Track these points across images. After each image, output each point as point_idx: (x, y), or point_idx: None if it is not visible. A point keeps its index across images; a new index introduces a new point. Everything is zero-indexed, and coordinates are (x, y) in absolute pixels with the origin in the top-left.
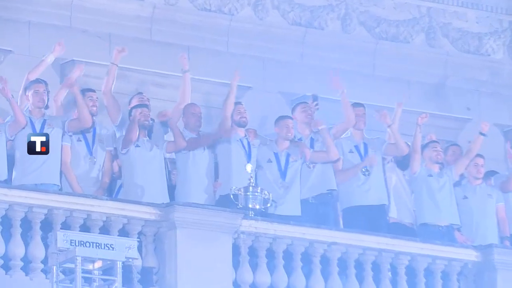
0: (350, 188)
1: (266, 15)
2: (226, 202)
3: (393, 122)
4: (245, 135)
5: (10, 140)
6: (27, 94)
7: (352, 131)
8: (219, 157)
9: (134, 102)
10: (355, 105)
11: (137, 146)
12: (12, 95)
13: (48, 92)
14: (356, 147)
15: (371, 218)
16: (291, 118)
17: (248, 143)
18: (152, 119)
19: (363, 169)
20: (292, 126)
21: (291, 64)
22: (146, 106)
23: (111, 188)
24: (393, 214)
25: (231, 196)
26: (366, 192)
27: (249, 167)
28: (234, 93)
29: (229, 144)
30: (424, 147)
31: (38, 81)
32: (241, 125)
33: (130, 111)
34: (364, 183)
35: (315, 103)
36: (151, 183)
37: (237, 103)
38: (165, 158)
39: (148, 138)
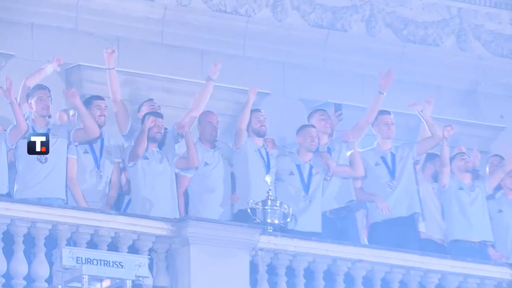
0: (376, 203)
1: (285, 17)
2: (243, 216)
3: (425, 110)
4: (263, 145)
5: (12, 149)
6: (29, 101)
7: (379, 141)
8: (235, 168)
9: (144, 109)
10: (383, 112)
11: (146, 158)
12: (16, 98)
13: (51, 99)
14: (383, 158)
15: (400, 232)
16: (314, 127)
17: (267, 153)
18: (165, 128)
19: (390, 184)
20: (316, 136)
21: (312, 69)
22: (161, 116)
23: (120, 203)
24: (422, 229)
25: (249, 210)
26: (395, 203)
27: (268, 179)
28: (250, 106)
29: (246, 154)
30: (451, 159)
31: (41, 87)
32: (260, 134)
33: (143, 118)
34: (390, 196)
35: (338, 112)
36: (160, 198)
37: (255, 111)
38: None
39: (158, 149)
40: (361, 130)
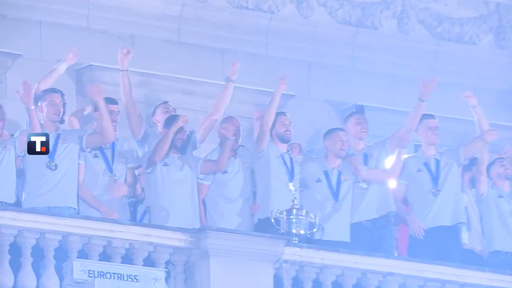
0: (419, 210)
1: (311, 13)
2: (266, 226)
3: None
4: (288, 151)
5: (20, 156)
6: (40, 105)
7: (423, 147)
8: (257, 175)
9: (159, 113)
10: (427, 116)
11: (166, 165)
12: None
13: (64, 104)
14: (426, 164)
15: (442, 243)
16: (343, 130)
17: (291, 159)
18: (192, 131)
19: (433, 190)
20: (346, 140)
21: (339, 68)
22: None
23: (135, 212)
24: (466, 240)
25: (272, 220)
26: (437, 212)
27: (292, 187)
28: (276, 104)
29: (268, 160)
30: (490, 165)
31: (54, 90)
32: (285, 140)
33: (169, 122)
34: (433, 203)
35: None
36: (180, 208)
37: (280, 114)
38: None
39: (180, 154)
40: (402, 139)
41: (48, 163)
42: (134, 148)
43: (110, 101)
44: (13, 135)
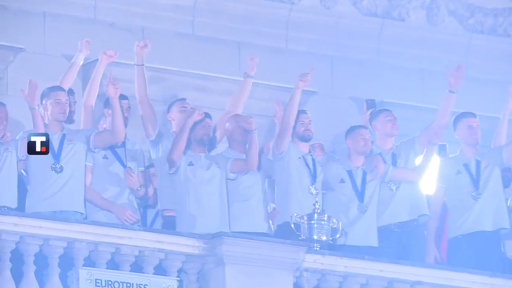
0: (458, 214)
1: (334, 4)
2: (285, 232)
3: None
4: (310, 151)
5: (22, 160)
6: (44, 103)
7: (462, 148)
8: (276, 178)
9: (175, 110)
10: (467, 114)
11: (191, 164)
12: (38, 105)
13: (74, 103)
14: (466, 166)
15: (482, 250)
16: (365, 127)
17: (313, 160)
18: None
19: (473, 194)
20: (369, 137)
21: (364, 63)
22: (209, 116)
23: (145, 216)
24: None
25: (292, 226)
26: (478, 216)
27: (314, 190)
28: (296, 101)
29: (288, 162)
30: None
31: (59, 88)
32: (305, 139)
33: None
34: (473, 207)
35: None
36: (208, 211)
37: (300, 112)
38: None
39: (207, 153)
40: (431, 136)
41: (53, 165)
42: (146, 149)
43: (121, 97)
44: (16, 138)
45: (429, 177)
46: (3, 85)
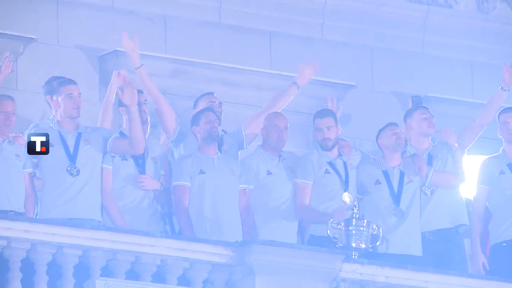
0: (502, 218)
1: None
2: (320, 240)
3: None
4: (339, 154)
5: (33, 160)
6: (55, 99)
7: (505, 146)
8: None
9: (202, 105)
10: (507, 110)
11: (202, 172)
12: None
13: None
14: (510, 165)
15: None
16: (396, 124)
17: (344, 164)
18: (224, 131)
19: None
20: (401, 132)
21: (407, 55)
22: (212, 110)
23: (171, 223)
24: None
25: (328, 232)
26: None
27: (347, 198)
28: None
29: (316, 170)
30: None
31: (70, 81)
32: (324, 148)
33: (196, 118)
34: None
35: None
36: (226, 218)
37: (316, 116)
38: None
39: (219, 154)
40: (473, 134)
41: (68, 168)
42: (168, 150)
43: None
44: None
45: (469, 179)
46: (12, 79)
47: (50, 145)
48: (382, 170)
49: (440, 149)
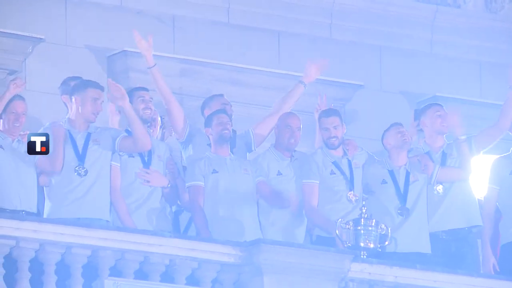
0: (510, 219)
1: None
2: (328, 240)
3: None
4: (344, 154)
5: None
6: (76, 97)
7: None
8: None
9: (214, 106)
10: None
11: (215, 171)
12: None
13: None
14: None
15: None
16: (400, 124)
17: (349, 163)
18: (234, 130)
19: None
20: (406, 130)
21: (416, 54)
22: (224, 112)
23: (177, 221)
24: None
25: (337, 232)
26: None
27: (352, 197)
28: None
29: (321, 170)
30: None
31: (97, 85)
32: (330, 147)
33: (209, 119)
34: None
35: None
36: (238, 218)
37: (322, 115)
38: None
39: (231, 154)
40: (491, 137)
41: (77, 168)
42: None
43: (138, 88)
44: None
45: (480, 179)
46: (21, 78)
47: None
48: (388, 170)
49: (456, 147)
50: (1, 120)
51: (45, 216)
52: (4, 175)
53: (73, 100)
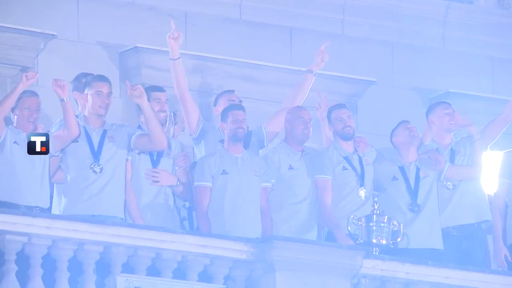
0: None
1: None
2: (336, 240)
3: None
4: (355, 150)
5: (55, 156)
6: (86, 92)
7: None
8: None
9: (222, 103)
10: None
11: (225, 173)
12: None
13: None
14: None
15: None
16: (408, 121)
17: (360, 159)
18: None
19: None
20: (414, 126)
21: (428, 50)
22: (242, 108)
23: (189, 218)
24: None
25: (349, 228)
26: None
27: (363, 193)
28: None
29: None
30: None
31: (103, 78)
32: (346, 137)
33: (225, 113)
34: None
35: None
36: (246, 217)
37: (337, 107)
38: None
39: (244, 152)
40: (497, 129)
41: (92, 165)
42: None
43: (155, 88)
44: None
45: (491, 173)
46: (33, 71)
47: (74, 140)
48: (399, 166)
49: (463, 144)
50: (16, 116)
51: (60, 212)
52: (19, 170)
53: (84, 95)
